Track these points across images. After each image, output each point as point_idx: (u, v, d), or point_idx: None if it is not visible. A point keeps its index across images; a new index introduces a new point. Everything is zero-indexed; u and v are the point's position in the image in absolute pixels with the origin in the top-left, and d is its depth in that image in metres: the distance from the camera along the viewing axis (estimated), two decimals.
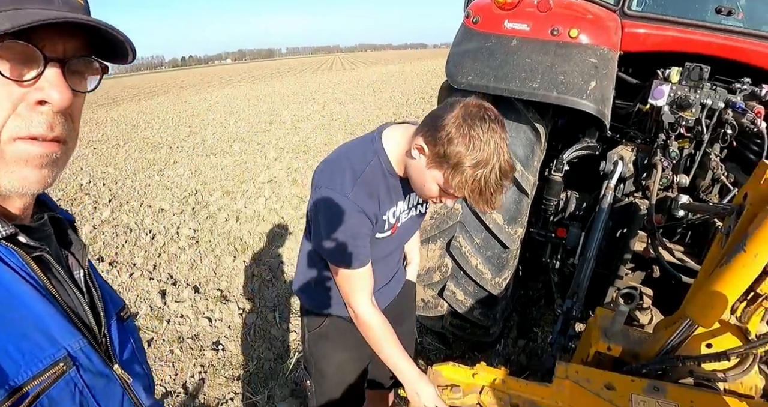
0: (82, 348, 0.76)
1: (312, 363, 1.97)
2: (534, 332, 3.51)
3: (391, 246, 1.79)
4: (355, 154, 1.57)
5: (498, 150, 1.32)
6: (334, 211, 1.52)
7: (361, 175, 1.51)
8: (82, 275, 0.84)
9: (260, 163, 8.37)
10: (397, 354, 1.67)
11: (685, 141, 2.84)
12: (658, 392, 1.70)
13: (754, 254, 1.61)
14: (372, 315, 1.64)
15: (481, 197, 1.36)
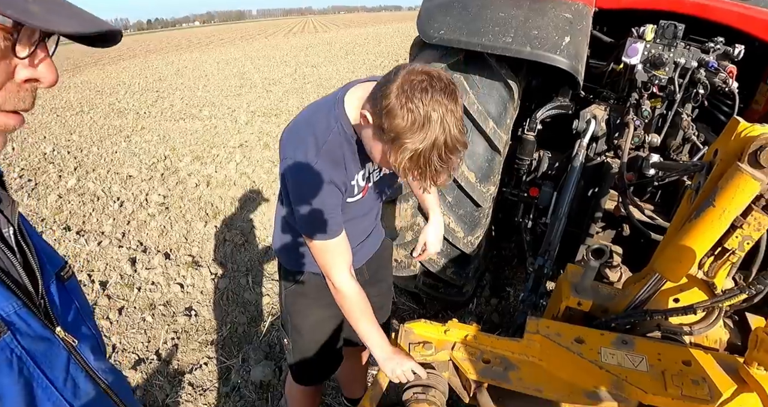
0: (17, 311, 0.71)
1: (289, 321, 1.96)
2: (506, 291, 3.56)
3: (366, 207, 1.76)
4: (317, 120, 1.50)
5: (442, 124, 1.22)
6: (301, 183, 1.48)
7: (325, 144, 1.45)
8: (12, 233, 0.78)
9: (231, 127, 8.18)
10: (371, 330, 1.67)
11: (657, 100, 2.84)
12: (627, 345, 1.72)
13: (722, 209, 1.62)
14: (349, 286, 1.62)
15: (422, 175, 1.28)
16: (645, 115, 2.75)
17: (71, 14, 0.65)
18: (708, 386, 1.56)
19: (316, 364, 2.02)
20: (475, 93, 2.51)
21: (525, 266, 3.33)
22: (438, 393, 1.67)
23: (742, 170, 1.56)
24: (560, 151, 3.17)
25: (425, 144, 1.22)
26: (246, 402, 2.78)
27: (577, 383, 1.65)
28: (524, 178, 3.20)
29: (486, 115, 2.50)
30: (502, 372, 1.70)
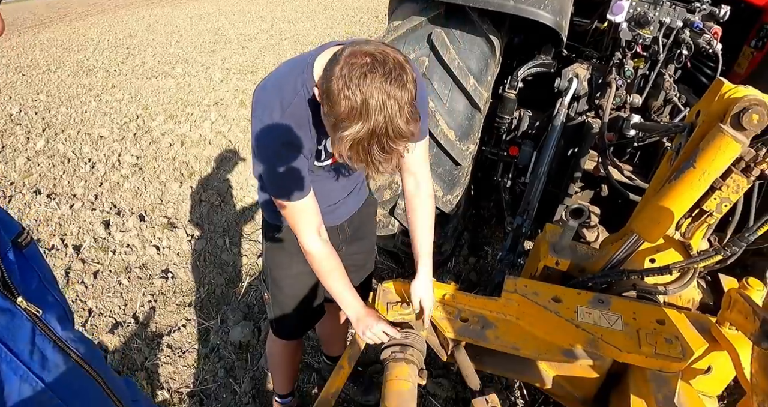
0: None
1: (269, 274, 1.94)
2: (485, 250, 3.57)
3: (337, 172, 1.71)
4: (287, 82, 1.44)
5: (382, 112, 1.14)
6: (265, 145, 1.47)
7: (290, 106, 1.41)
8: None
9: (205, 85, 7.92)
10: (343, 290, 1.67)
11: (640, 60, 2.79)
12: (603, 304, 1.74)
13: (702, 171, 1.61)
14: (317, 247, 1.60)
15: (364, 163, 1.22)
16: (627, 75, 2.72)
17: None
18: (681, 344, 1.59)
19: (296, 317, 2.02)
20: (456, 48, 2.43)
21: (503, 225, 3.33)
22: (416, 352, 1.68)
23: (724, 132, 1.55)
24: (541, 110, 3.13)
25: (363, 133, 1.16)
26: (225, 362, 2.78)
27: (554, 341, 1.67)
28: (504, 137, 3.16)
29: (467, 71, 2.43)
30: (480, 331, 1.71)
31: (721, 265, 1.88)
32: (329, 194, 1.75)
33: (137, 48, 11.51)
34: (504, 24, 2.57)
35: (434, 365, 2.61)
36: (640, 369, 1.61)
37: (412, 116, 1.21)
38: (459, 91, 2.44)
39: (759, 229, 1.69)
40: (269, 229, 1.87)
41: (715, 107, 1.66)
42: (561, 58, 3.15)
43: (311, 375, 2.71)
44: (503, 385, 2.56)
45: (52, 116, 6.91)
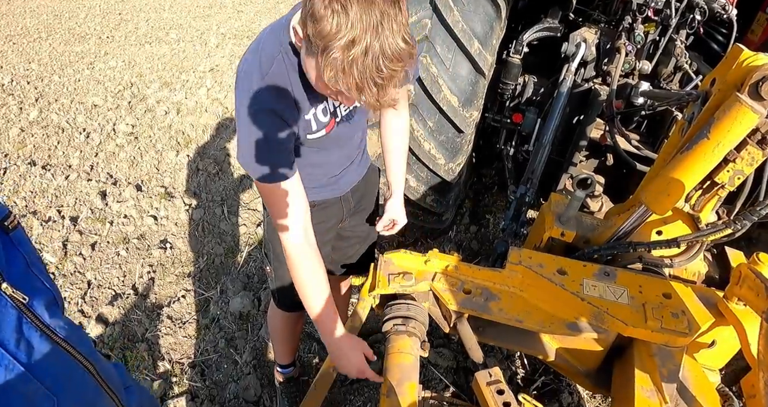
0: None
1: (271, 249, 1.89)
2: (486, 218, 3.53)
3: (335, 142, 1.60)
4: (265, 46, 1.34)
5: (376, 28, 1.02)
6: (244, 113, 1.34)
7: (268, 73, 1.31)
8: None
9: (200, 51, 7.74)
10: (324, 310, 1.51)
11: (651, 25, 2.69)
12: (608, 277, 1.70)
13: (717, 142, 1.54)
14: (297, 247, 1.45)
15: (359, 89, 1.07)
16: (638, 40, 2.62)
17: None
18: (687, 319, 1.55)
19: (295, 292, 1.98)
20: (460, 10, 2.33)
21: (506, 194, 3.29)
22: (418, 324, 1.65)
23: (742, 102, 1.47)
24: (546, 76, 3.04)
25: (356, 52, 1.02)
26: (226, 333, 2.78)
27: (558, 314, 1.64)
28: (508, 103, 3.09)
29: (471, 34, 2.34)
30: (483, 303, 1.68)
31: (729, 238, 1.83)
32: (331, 165, 1.67)
33: (130, 13, 11.23)
34: None
35: (435, 335, 2.61)
36: (645, 343, 1.58)
37: (409, 37, 1.09)
38: (463, 56, 2.36)
39: None
40: None
41: (732, 75, 1.58)
42: (568, 22, 3.04)
43: (312, 345, 2.70)
44: (504, 355, 2.56)
45: (45, 85, 6.77)
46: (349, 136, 1.67)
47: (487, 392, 1.44)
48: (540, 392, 2.43)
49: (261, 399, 2.46)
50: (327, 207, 1.78)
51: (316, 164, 1.63)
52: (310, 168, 1.59)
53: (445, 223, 3.02)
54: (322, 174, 1.69)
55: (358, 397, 2.44)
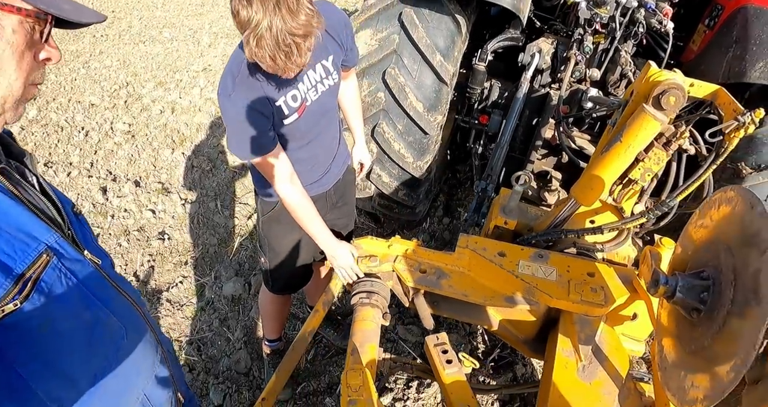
0: (57, 241, 0.91)
1: (266, 244, 2.22)
2: (458, 211, 3.85)
3: (309, 127, 1.90)
4: (234, 56, 1.68)
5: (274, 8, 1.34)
6: (227, 112, 1.69)
7: (239, 73, 1.63)
8: (36, 181, 0.98)
9: (193, 50, 7.98)
10: (317, 227, 1.94)
11: (600, 37, 2.98)
12: (542, 259, 2.01)
13: (628, 145, 1.85)
14: (293, 195, 1.85)
15: (272, 59, 1.43)
16: (587, 51, 2.92)
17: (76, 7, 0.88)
18: (604, 293, 1.87)
19: (289, 277, 2.34)
20: (425, 27, 2.63)
21: None
22: (380, 298, 1.96)
23: (647, 111, 1.77)
24: (511, 80, 3.34)
25: (261, 30, 1.37)
26: (220, 314, 3.09)
27: (498, 289, 1.96)
28: (475, 106, 3.39)
29: (434, 48, 2.64)
30: (436, 280, 1.99)
31: (655, 226, 2.16)
32: (316, 162, 2.00)
33: (123, 11, 11.38)
34: (470, 4, 2.76)
35: (405, 314, 2.93)
36: (568, 313, 1.90)
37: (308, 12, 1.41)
38: (427, 67, 2.66)
39: (678, 196, 1.97)
40: (264, 206, 2.13)
41: (642, 87, 1.88)
42: (532, 30, 3.34)
43: (296, 324, 3.02)
44: (466, 332, 2.89)
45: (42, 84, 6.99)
46: (320, 126, 1.96)
47: (434, 352, 1.77)
48: (497, 364, 2.76)
49: (251, 370, 2.78)
50: (314, 203, 2.06)
51: (304, 160, 1.94)
52: (298, 165, 1.90)
53: (418, 215, 3.33)
54: (309, 172, 2.01)
55: (337, 368, 2.76)
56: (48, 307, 0.87)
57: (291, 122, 1.80)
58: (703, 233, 1.37)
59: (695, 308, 1.23)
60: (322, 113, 1.93)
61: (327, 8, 1.84)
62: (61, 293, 0.91)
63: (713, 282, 1.21)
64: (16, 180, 0.92)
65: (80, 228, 1.07)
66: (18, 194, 0.88)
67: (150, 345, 1.20)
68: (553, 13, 3.50)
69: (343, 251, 1.99)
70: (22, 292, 0.83)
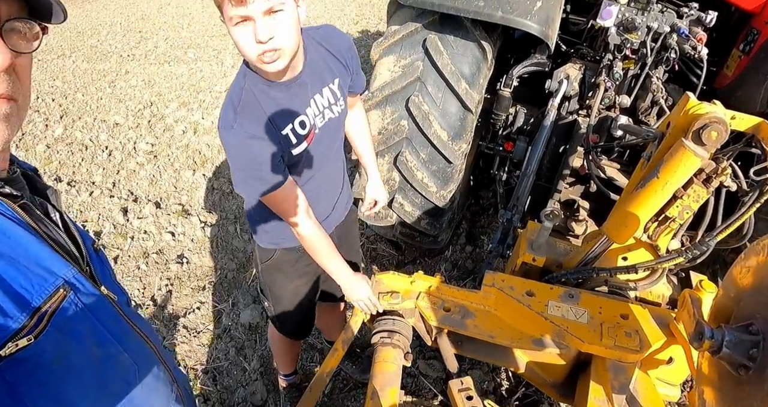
0: (75, 276, 0.90)
1: (268, 290, 2.13)
2: (481, 239, 3.76)
3: (316, 156, 1.77)
4: (232, 88, 1.57)
5: None
6: (231, 147, 1.55)
7: (239, 102, 1.51)
8: (59, 217, 0.97)
9: (217, 71, 8.08)
10: (334, 260, 1.84)
11: (630, 62, 2.91)
12: (572, 299, 1.92)
13: (665, 181, 1.76)
14: (310, 229, 1.73)
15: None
16: (616, 77, 2.84)
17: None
18: (639, 337, 1.77)
19: (295, 322, 2.25)
20: (450, 54, 2.58)
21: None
22: (402, 338, 1.88)
23: (686, 146, 1.68)
24: (536, 106, 3.27)
25: None
26: (236, 342, 3.02)
27: (525, 331, 1.87)
28: (500, 132, 3.32)
29: (459, 75, 2.58)
30: (460, 320, 1.91)
31: (691, 264, 2.04)
32: (318, 206, 1.86)
33: (149, 31, 11.64)
34: (496, 30, 2.71)
35: (427, 348, 2.83)
36: (601, 359, 1.79)
37: None
38: (452, 95, 2.60)
39: (719, 234, 1.86)
40: (263, 253, 2.02)
41: (680, 120, 1.79)
42: (558, 55, 3.27)
43: (314, 355, 2.94)
44: (489, 368, 2.78)
45: (69, 103, 7.13)
46: (329, 155, 1.86)
47: (458, 398, 1.67)
48: (522, 403, 2.64)
49: (266, 403, 2.70)
50: None
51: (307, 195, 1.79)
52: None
53: (440, 244, 3.25)
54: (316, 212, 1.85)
55: (355, 403, 2.67)
56: (62, 342, 0.86)
57: (299, 151, 1.67)
58: (749, 280, 1.27)
59: (743, 365, 1.13)
60: (329, 142, 1.83)
61: (330, 31, 1.79)
62: (76, 328, 0.89)
63: (763, 338, 1.11)
64: (37, 216, 0.91)
65: (99, 264, 1.06)
66: (38, 229, 0.88)
67: (164, 383, 1.16)
68: (580, 38, 3.44)
69: (361, 283, 1.91)
70: (38, 326, 0.81)
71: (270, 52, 1.39)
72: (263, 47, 1.38)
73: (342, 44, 1.78)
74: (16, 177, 0.94)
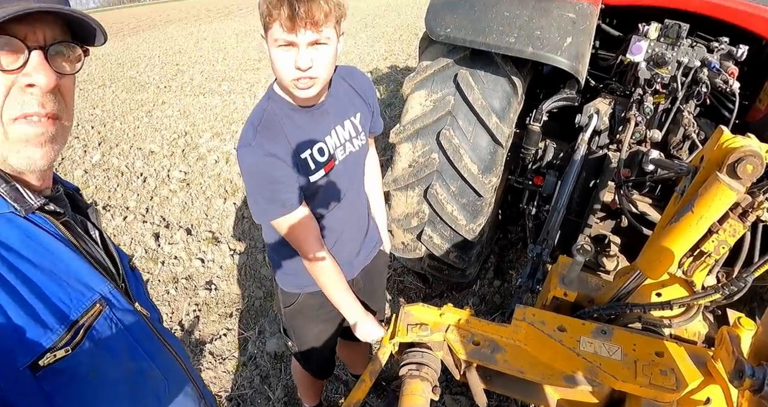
0: (111, 291, 0.94)
1: (291, 332, 2.13)
2: (509, 273, 3.72)
3: (335, 189, 1.77)
4: (255, 110, 1.60)
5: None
6: (248, 166, 1.55)
7: (260, 122, 1.53)
8: (98, 234, 1.02)
9: (249, 103, 8.32)
10: (344, 294, 1.84)
11: (660, 97, 2.91)
12: (605, 335, 1.88)
13: (700, 216, 1.73)
14: (321, 258, 1.71)
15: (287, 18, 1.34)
16: (647, 111, 2.84)
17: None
18: (675, 376, 1.72)
19: (319, 361, 2.25)
20: (480, 89, 2.63)
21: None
22: (430, 371, 1.86)
23: (721, 180, 1.67)
24: (566, 140, 3.27)
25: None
26: (261, 370, 3.02)
27: (557, 367, 1.82)
28: (529, 166, 3.33)
29: (490, 110, 2.62)
30: (490, 354, 1.88)
31: (727, 301, 1.99)
32: (343, 236, 1.86)
33: (186, 64, 12.09)
34: (526, 65, 2.75)
35: (454, 382, 2.78)
36: (635, 398, 1.74)
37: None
38: (482, 129, 2.63)
39: (757, 270, 1.82)
40: (286, 297, 2.02)
41: (714, 154, 1.78)
42: (588, 89, 3.29)
43: (339, 387, 2.92)
44: (519, 405, 2.71)
45: (107, 131, 7.40)
46: (349, 191, 1.83)
47: None
48: None
49: None
50: None
51: (328, 230, 1.81)
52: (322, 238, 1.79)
53: (468, 277, 3.23)
54: (333, 248, 1.85)
55: None
56: (97, 355, 0.89)
57: (317, 179, 1.65)
58: None
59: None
60: (349, 176, 1.82)
61: (354, 70, 1.84)
62: (110, 342, 0.93)
63: None
64: (78, 233, 0.96)
65: (134, 281, 1.10)
66: (78, 246, 0.92)
67: (192, 399, 1.18)
68: (610, 72, 3.46)
69: (371, 325, 1.89)
70: (75, 339, 0.85)
71: (305, 79, 1.45)
72: (300, 74, 1.43)
73: (364, 83, 1.84)
74: (59, 195, 0.99)
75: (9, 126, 0.81)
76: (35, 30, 0.82)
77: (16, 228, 0.84)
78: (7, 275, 0.79)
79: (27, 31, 0.80)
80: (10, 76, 0.80)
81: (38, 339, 0.80)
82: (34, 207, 0.87)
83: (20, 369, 0.78)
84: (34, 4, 0.78)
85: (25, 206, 0.86)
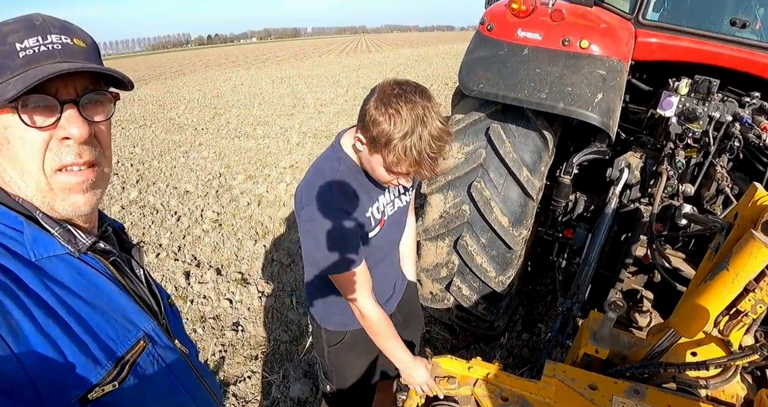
0: (153, 329, 0.98)
1: (333, 372, 2.12)
2: (538, 326, 3.66)
3: (385, 243, 1.87)
4: (324, 167, 1.66)
5: (422, 118, 1.39)
6: (320, 220, 1.59)
7: (335, 179, 1.62)
8: (142, 273, 1.07)
9: (282, 147, 8.55)
10: (395, 345, 1.86)
11: (692, 151, 2.91)
12: (638, 395, 1.83)
13: (735, 274, 1.70)
14: (374, 311, 1.77)
15: (420, 166, 1.44)
16: (678, 166, 2.84)
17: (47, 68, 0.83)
18: None
19: (358, 401, 2.22)
20: (512, 142, 2.68)
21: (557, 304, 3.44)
22: None
23: (756, 238, 1.65)
24: (597, 193, 3.28)
25: (413, 137, 1.39)
26: None
27: None
28: (560, 219, 3.33)
29: (521, 163, 2.66)
30: None
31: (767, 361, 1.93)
32: (385, 281, 1.94)
33: (223, 108, 12.55)
34: (557, 120, 2.81)
35: None
36: None
37: (444, 120, 1.45)
38: (513, 181, 2.67)
39: None
40: (332, 337, 2.02)
41: (748, 211, 1.76)
42: (619, 142, 3.31)
43: None
44: None
45: (145, 169, 7.67)
46: (389, 245, 1.93)
47: None
48: None
49: None
50: None
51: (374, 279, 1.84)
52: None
53: (496, 330, 3.19)
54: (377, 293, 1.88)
55: None
56: (140, 390, 0.92)
57: (374, 235, 1.76)
58: None
59: None
60: (396, 230, 1.92)
61: None
62: (153, 377, 0.95)
63: None
64: (125, 271, 1.01)
65: (173, 319, 1.14)
66: (125, 284, 0.97)
67: None
68: (640, 126, 3.48)
69: (420, 367, 1.90)
70: (121, 374, 0.88)
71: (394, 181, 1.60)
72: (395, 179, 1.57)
73: None
74: (108, 235, 1.04)
75: (51, 177, 0.88)
76: (66, 84, 0.87)
77: (70, 268, 0.89)
78: (61, 312, 0.84)
79: (59, 85, 0.86)
80: (47, 131, 0.86)
81: (88, 373, 0.84)
82: (86, 246, 0.92)
83: (71, 402, 0.82)
84: (64, 65, 0.85)
85: (77, 247, 0.91)
